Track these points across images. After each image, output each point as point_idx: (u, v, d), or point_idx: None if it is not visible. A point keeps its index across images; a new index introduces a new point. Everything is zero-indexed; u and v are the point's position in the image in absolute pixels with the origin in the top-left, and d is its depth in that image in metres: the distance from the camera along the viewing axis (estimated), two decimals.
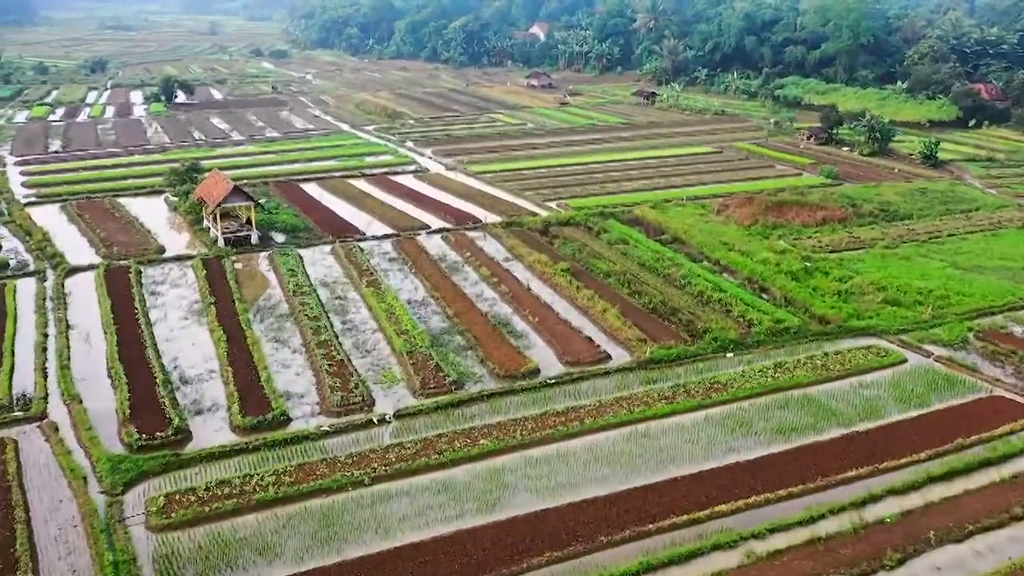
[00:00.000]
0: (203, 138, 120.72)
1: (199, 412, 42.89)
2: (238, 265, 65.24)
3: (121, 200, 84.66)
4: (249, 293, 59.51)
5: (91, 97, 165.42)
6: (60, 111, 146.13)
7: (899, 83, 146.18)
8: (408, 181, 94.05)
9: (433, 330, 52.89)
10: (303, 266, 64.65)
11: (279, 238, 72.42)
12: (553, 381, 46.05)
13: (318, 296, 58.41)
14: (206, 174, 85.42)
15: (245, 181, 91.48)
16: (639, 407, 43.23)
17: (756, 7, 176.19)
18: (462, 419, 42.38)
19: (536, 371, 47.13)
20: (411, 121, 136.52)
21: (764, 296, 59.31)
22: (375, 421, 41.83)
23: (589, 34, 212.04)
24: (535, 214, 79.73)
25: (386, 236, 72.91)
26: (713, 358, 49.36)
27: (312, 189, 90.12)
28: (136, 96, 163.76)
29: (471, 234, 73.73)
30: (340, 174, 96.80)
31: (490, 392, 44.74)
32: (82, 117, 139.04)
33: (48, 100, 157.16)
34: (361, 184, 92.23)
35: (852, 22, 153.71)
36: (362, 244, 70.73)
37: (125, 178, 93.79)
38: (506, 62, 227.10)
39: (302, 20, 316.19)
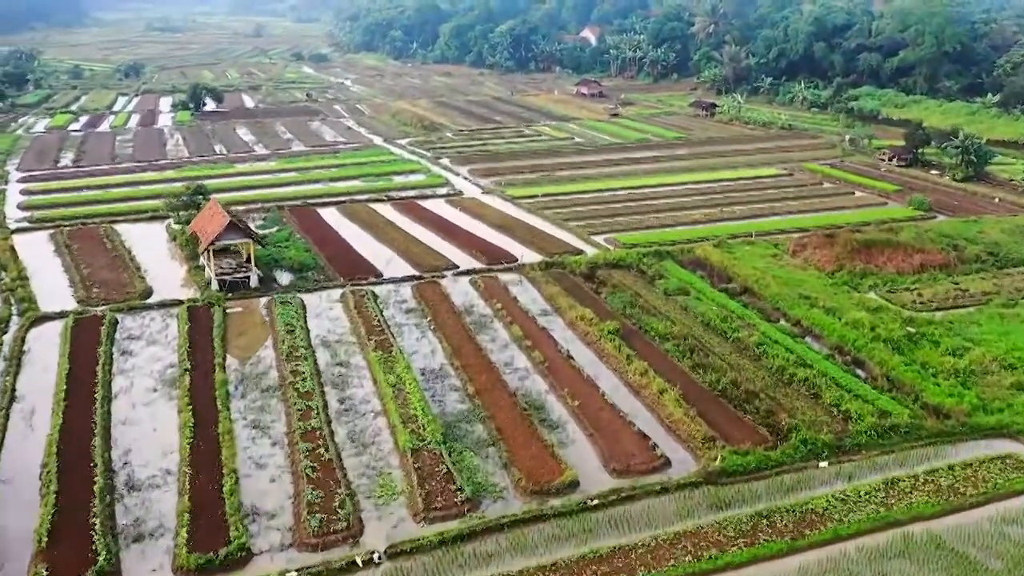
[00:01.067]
0: (224, 152, 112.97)
1: (138, 539, 33.70)
2: (231, 314, 56.33)
3: (119, 227, 76.77)
4: (236, 353, 50.48)
5: (119, 103, 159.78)
6: (83, 119, 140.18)
7: (989, 96, 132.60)
8: (439, 207, 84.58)
9: (448, 415, 43.11)
10: (304, 319, 55.43)
11: (284, 278, 63.44)
12: (596, 502, 35.88)
13: (315, 362, 49.09)
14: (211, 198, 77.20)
15: (259, 204, 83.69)
16: (708, 550, 32.86)
17: (826, 11, 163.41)
18: (473, 561, 32.47)
19: (574, 484, 37.03)
20: (449, 134, 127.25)
21: (859, 373, 48.30)
22: (359, 563, 32.15)
23: (643, 39, 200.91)
24: (580, 252, 69.57)
25: (406, 279, 63.39)
26: (802, 469, 38.66)
27: (331, 215, 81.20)
28: (165, 103, 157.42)
29: (504, 277, 63.84)
30: (364, 197, 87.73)
31: (513, 518, 34.74)
32: (103, 127, 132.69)
33: (73, 108, 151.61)
34: (386, 210, 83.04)
35: (936, 28, 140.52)
36: (377, 288, 61.36)
37: (130, 199, 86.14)
38: (554, 68, 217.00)
39: (347, 22, 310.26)
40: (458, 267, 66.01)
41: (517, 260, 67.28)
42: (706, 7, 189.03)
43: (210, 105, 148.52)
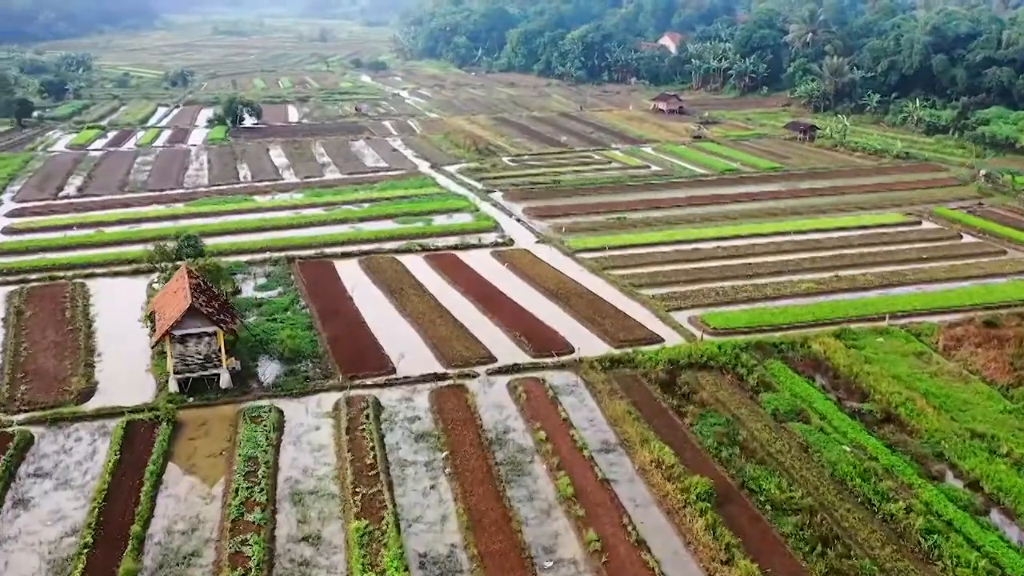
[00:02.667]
0: (249, 179, 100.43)
1: None
2: (182, 434, 42.44)
3: (94, 283, 64.28)
4: (164, 512, 36.38)
5: (156, 116, 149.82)
6: (111, 135, 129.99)
7: None
8: (482, 261, 69.78)
9: None
10: (277, 447, 41.13)
11: (269, 370, 49.41)
12: None
13: (272, 534, 34.62)
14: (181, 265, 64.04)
15: (266, 254, 70.10)
16: None
17: (947, 19, 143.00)
18: None
19: None
20: (506, 159, 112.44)
21: None
22: None
23: (729, 48, 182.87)
24: (656, 338, 53.75)
25: (423, 379, 48.60)
26: None
27: (349, 271, 67.20)
28: (205, 115, 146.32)
29: (554, 379, 48.55)
30: (392, 246, 73.50)
31: None
32: (128, 145, 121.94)
33: (105, 121, 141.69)
34: (417, 265, 68.66)
35: None
36: (385, 394, 46.80)
37: (120, 243, 73.64)
38: (630, 79, 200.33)
39: (411, 27, 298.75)
40: (495, 359, 50.97)
41: (573, 350, 51.95)
42: (803, 13, 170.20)
43: (248, 120, 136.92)
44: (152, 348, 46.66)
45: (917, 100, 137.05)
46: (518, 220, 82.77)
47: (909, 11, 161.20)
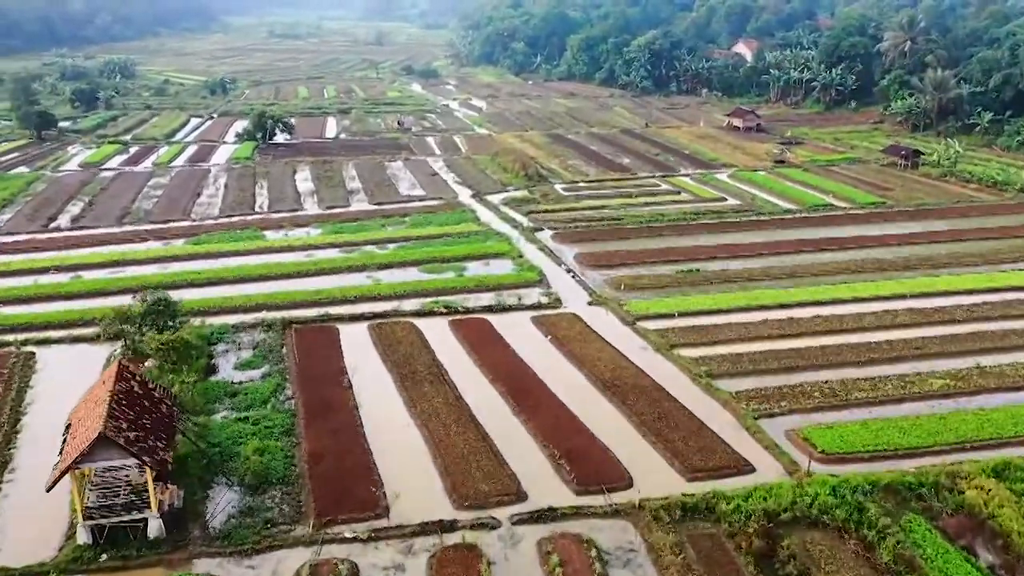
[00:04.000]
0: (264, 207, 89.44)
1: None
2: None
3: (45, 353, 53.64)
4: None
5: (187, 128, 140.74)
6: (132, 150, 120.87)
7: None
8: (520, 330, 57.03)
9: None
10: None
11: (224, 499, 37.29)
12: None
13: None
14: (180, 321, 52.73)
15: (262, 313, 58.78)
16: None
17: None
18: None
19: None
20: (559, 187, 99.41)
21: None
22: None
23: (812, 56, 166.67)
24: (744, 466, 40.33)
25: (424, 529, 35.91)
26: None
27: (355, 339, 55.30)
28: (236, 129, 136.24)
29: (603, 537, 35.44)
30: (413, 305, 61.21)
31: None
32: (145, 164, 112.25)
33: (130, 135, 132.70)
34: (440, 332, 56.37)
35: None
36: (366, 557, 34.27)
37: (93, 295, 62.73)
38: (700, 90, 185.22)
39: (468, 31, 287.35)
40: (523, 497, 38.10)
41: (630, 485, 38.72)
42: (899, 19, 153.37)
43: (280, 136, 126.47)
44: (48, 490, 34.69)
45: None
46: (568, 271, 69.66)
47: None
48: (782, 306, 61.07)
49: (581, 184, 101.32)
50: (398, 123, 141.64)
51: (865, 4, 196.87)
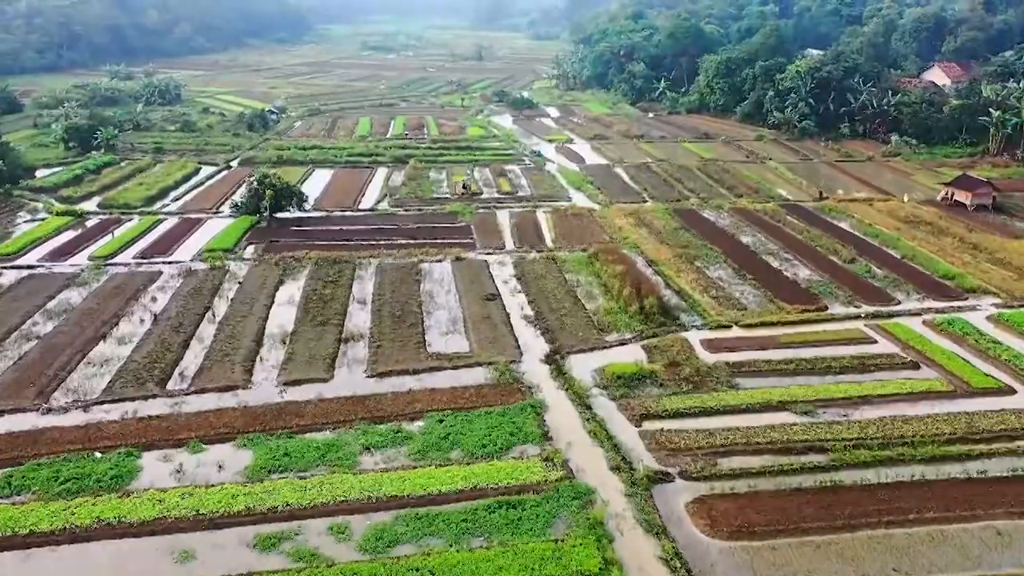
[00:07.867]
0: (179, 388, 52.94)
1: None
2: None
3: None
4: None
5: (185, 187, 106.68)
6: (89, 224, 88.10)
7: None
8: None
9: None
10: None
11: None
12: None
13: None
14: None
15: None
16: None
17: None
18: None
19: None
20: (698, 339, 59.31)
21: None
22: None
23: None
24: None
25: None
26: None
27: None
28: (244, 191, 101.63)
29: None
30: None
31: None
32: (77, 257, 78.11)
33: (98, 199, 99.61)
34: None
35: None
36: None
37: None
38: (884, 133, 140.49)
39: (580, 46, 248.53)
40: None
41: None
42: None
43: (291, 208, 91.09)
44: None
45: None
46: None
47: None
48: None
49: (735, 333, 60.94)
50: (463, 188, 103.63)
51: None
